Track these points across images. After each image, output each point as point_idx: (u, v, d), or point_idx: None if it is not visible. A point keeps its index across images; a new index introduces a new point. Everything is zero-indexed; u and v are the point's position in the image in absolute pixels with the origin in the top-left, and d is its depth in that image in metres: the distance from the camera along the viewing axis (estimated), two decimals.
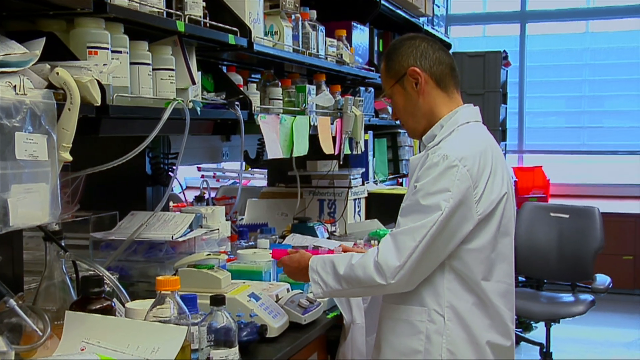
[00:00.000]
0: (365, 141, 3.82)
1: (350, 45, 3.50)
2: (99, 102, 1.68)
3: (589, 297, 4.54)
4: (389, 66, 2.13)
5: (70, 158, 1.61)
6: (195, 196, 3.12)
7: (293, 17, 2.87)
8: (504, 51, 6.81)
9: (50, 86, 1.59)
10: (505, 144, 7.15)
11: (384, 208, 3.80)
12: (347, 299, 2.40)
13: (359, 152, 3.53)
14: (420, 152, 2.13)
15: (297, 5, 2.86)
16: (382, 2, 3.89)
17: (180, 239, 2.22)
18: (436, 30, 5.22)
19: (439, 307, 2.00)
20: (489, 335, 2.02)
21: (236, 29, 2.38)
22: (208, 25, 2.25)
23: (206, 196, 3.17)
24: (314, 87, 3.12)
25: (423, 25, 4.79)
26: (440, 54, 2.09)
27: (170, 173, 2.64)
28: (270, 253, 2.51)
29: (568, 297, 4.65)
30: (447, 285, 1.99)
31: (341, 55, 3.32)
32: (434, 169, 1.94)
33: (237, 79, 2.70)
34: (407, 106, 2.12)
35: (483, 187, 1.96)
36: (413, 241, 1.93)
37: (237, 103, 2.45)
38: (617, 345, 5.59)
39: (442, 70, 2.08)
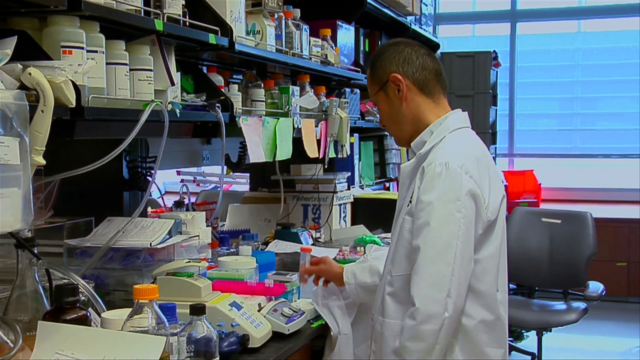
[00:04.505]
0: (351, 144, 3.83)
1: (335, 45, 3.51)
2: (73, 103, 1.68)
3: (581, 305, 4.57)
4: (373, 73, 2.16)
5: (43, 162, 1.61)
6: (175, 201, 3.12)
7: (276, 15, 2.87)
8: (494, 51, 6.86)
9: (23, 87, 1.59)
10: (496, 147, 7.18)
11: (371, 213, 3.82)
12: (329, 309, 2.40)
13: (345, 155, 3.53)
14: (407, 157, 2.13)
15: (280, 3, 2.87)
16: (368, 0, 3.90)
17: (159, 246, 2.21)
18: (424, 30, 5.23)
19: None
20: (490, 350, 2.02)
21: (217, 28, 2.39)
22: (187, 24, 2.25)
23: (186, 201, 3.16)
24: (297, 88, 3.13)
25: (410, 24, 4.79)
26: (425, 60, 2.10)
27: (148, 177, 2.63)
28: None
29: (560, 305, 4.67)
30: None
31: (326, 55, 3.32)
32: (437, 179, 1.93)
33: (218, 79, 2.70)
34: (391, 113, 2.14)
35: (487, 191, 1.97)
36: (447, 265, 1.89)
37: (217, 105, 2.45)
38: (611, 354, 5.63)
39: (425, 76, 2.09)
